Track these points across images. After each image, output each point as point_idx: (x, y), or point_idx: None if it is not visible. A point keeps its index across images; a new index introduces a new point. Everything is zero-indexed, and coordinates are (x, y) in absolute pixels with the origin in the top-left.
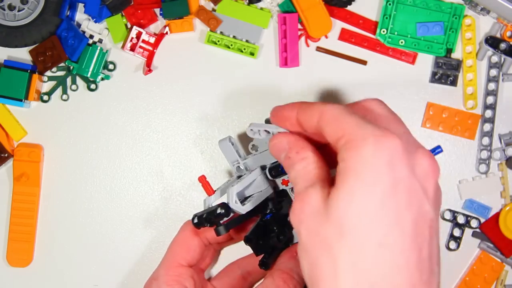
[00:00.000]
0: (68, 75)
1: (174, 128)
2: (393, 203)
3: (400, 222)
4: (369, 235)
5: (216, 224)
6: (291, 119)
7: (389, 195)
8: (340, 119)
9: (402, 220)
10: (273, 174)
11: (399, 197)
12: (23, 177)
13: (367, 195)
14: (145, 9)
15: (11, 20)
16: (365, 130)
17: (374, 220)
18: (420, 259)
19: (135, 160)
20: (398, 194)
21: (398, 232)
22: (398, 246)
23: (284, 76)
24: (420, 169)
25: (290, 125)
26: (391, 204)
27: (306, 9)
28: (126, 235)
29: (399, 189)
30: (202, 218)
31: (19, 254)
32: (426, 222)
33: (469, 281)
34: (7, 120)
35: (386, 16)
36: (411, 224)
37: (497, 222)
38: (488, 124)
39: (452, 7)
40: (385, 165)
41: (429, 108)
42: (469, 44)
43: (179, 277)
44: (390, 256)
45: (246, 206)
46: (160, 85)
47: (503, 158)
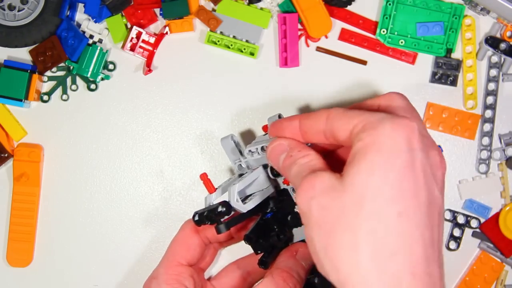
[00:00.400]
0: (68, 75)
1: (174, 128)
2: (412, 177)
3: (418, 197)
4: (390, 205)
5: (217, 222)
6: (290, 128)
7: (408, 170)
8: (349, 112)
9: (419, 196)
10: (275, 172)
11: (417, 174)
12: (23, 177)
13: (388, 166)
14: (145, 9)
15: (11, 20)
16: (379, 114)
17: (395, 190)
18: (432, 238)
19: (135, 160)
20: (416, 171)
21: (416, 206)
22: (416, 219)
23: (284, 76)
24: (432, 159)
25: (290, 134)
26: (410, 177)
27: (306, 9)
28: (126, 235)
29: (416, 167)
30: (203, 216)
31: (19, 254)
32: (436, 207)
33: (469, 281)
34: (7, 120)
35: (386, 16)
36: (426, 203)
37: (497, 222)
38: (488, 124)
39: (452, 7)
40: (404, 141)
41: (429, 108)
42: (469, 44)
43: (179, 276)
44: (409, 227)
45: (248, 205)
46: (160, 85)
47: (503, 158)
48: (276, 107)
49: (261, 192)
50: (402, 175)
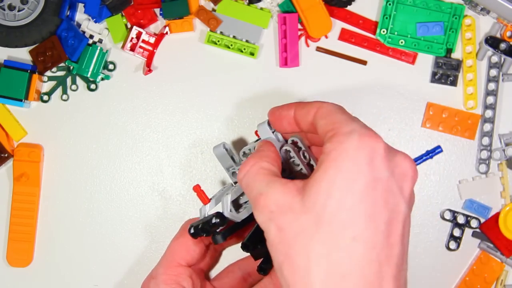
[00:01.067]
0: (68, 75)
1: (174, 128)
2: (371, 200)
3: (376, 219)
4: (345, 229)
5: (212, 233)
6: (288, 117)
7: (368, 192)
8: (333, 114)
9: (378, 218)
10: None
11: (377, 195)
12: (23, 177)
13: (347, 189)
14: (145, 9)
15: (11, 20)
16: (352, 126)
17: (351, 215)
18: (390, 256)
19: (135, 160)
20: (376, 192)
21: (372, 228)
22: (372, 241)
23: (284, 76)
24: (399, 169)
25: (287, 124)
26: (368, 200)
27: (306, 9)
28: (126, 235)
29: (377, 187)
30: (198, 229)
31: (19, 254)
32: (400, 221)
33: (469, 281)
34: (7, 120)
35: (386, 16)
36: (385, 222)
37: (497, 222)
38: (488, 124)
39: (452, 7)
40: (366, 162)
41: (429, 108)
42: (469, 44)
43: (178, 276)
44: (363, 250)
45: (241, 214)
46: (160, 85)
47: (503, 158)
48: None
49: None
50: (360, 199)
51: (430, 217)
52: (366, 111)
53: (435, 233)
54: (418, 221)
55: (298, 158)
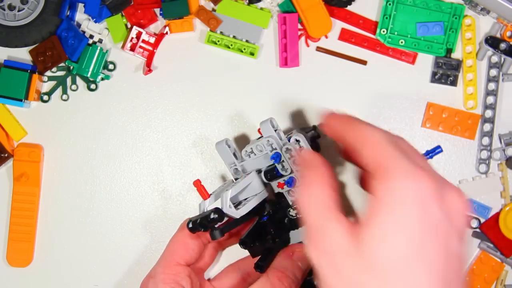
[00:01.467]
0: (68, 75)
1: (174, 128)
2: (427, 245)
3: (433, 264)
4: (402, 277)
5: (210, 228)
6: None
7: (423, 237)
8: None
9: (435, 263)
10: (269, 177)
11: (432, 239)
12: (23, 177)
13: (400, 236)
14: (145, 9)
15: (11, 20)
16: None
17: (407, 262)
18: None
19: (135, 160)
20: (432, 236)
21: (430, 275)
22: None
23: (284, 76)
24: (451, 207)
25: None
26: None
27: (306, 9)
28: (126, 235)
29: (432, 230)
30: (196, 224)
31: (19, 254)
32: (458, 261)
33: (469, 281)
34: (7, 120)
35: (386, 16)
36: (443, 266)
37: (497, 222)
38: (488, 124)
39: (452, 7)
40: (419, 204)
41: (429, 108)
42: (469, 44)
43: (176, 276)
44: None
45: (240, 211)
46: (160, 85)
47: (503, 158)
48: (276, 107)
49: (255, 197)
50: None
51: None
52: (366, 111)
53: None
54: None
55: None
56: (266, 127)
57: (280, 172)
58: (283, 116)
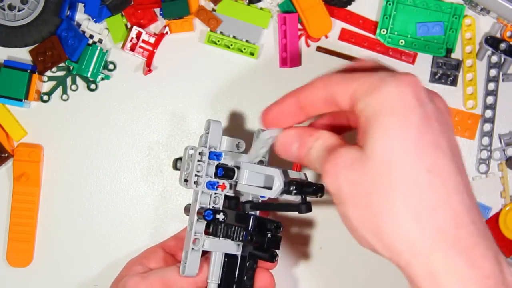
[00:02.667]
0: (68, 75)
1: (174, 128)
2: (430, 131)
3: (440, 148)
4: (417, 164)
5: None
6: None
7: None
8: (347, 77)
9: (441, 147)
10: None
11: (433, 125)
12: (23, 177)
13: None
14: (145, 9)
15: (11, 20)
16: (379, 74)
17: (417, 149)
18: (464, 184)
19: (135, 160)
20: (432, 123)
21: (441, 157)
22: (445, 170)
23: (284, 76)
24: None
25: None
26: (428, 132)
27: (306, 9)
28: (126, 235)
29: (431, 118)
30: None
31: (19, 254)
32: (457, 151)
33: None
34: (7, 120)
35: (386, 16)
36: (449, 151)
37: (497, 222)
38: (488, 124)
39: (452, 7)
40: (413, 97)
41: None
42: (469, 44)
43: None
44: (441, 180)
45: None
46: (160, 85)
47: (503, 158)
48: None
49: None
50: (421, 131)
51: None
52: None
53: None
54: None
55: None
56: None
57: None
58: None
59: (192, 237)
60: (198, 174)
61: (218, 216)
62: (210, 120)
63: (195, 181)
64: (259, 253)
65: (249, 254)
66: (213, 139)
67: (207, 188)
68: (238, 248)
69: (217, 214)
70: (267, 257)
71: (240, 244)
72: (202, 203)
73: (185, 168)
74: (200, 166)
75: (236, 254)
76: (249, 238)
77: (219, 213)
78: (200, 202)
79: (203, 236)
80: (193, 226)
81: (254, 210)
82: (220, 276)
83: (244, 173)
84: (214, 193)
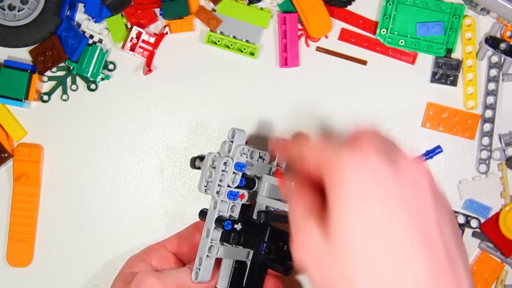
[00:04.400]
0: (68, 75)
1: (174, 128)
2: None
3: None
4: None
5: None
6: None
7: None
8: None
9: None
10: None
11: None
12: (23, 177)
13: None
14: (145, 9)
15: (11, 20)
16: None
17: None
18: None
19: (135, 160)
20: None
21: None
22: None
23: (284, 76)
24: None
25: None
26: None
27: (306, 9)
28: (126, 235)
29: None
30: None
31: (19, 254)
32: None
33: None
34: (7, 120)
35: (386, 16)
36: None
37: (497, 222)
38: (488, 124)
39: (452, 7)
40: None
41: (429, 108)
42: (469, 44)
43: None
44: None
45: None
46: (160, 85)
47: (503, 158)
48: (276, 107)
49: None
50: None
51: None
52: (366, 111)
53: None
54: None
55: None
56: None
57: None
58: (283, 116)
59: (208, 244)
60: (221, 184)
61: (236, 226)
62: (235, 129)
63: (217, 191)
64: (274, 264)
65: (262, 264)
66: (237, 149)
67: (228, 198)
68: (249, 255)
69: (235, 224)
70: (282, 270)
71: (251, 251)
72: (220, 211)
73: (207, 175)
74: (223, 176)
75: (245, 261)
76: (266, 250)
77: (237, 223)
78: (219, 210)
79: (218, 243)
80: (210, 233)
81: (272, 220)
82: (229, 282)
83: (265, 185)
84: (232, 202)
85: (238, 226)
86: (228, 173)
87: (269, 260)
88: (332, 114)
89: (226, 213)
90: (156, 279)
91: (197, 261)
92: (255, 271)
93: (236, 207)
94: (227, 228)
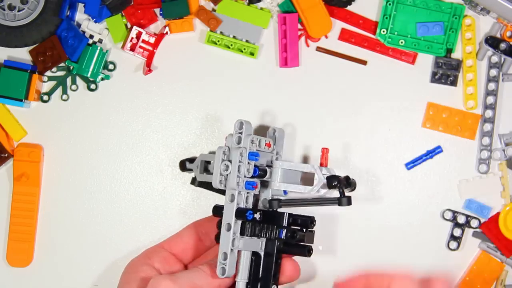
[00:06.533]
0: (68, 75)
1: (174, 128)
2: None
3: None
4: None
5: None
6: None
7: None
8: None
9: None
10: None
11: None
12: (23, 177)
13: None
14: (145, 9)
15: (11, 20)
16: None
17: None
18: None
19: (135, 160)
20: None
21: None
22: None
23: (284, 76)
24: None
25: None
26: None
27: (306, 9)
28: (126, 235)
29: None
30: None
31: (19, 254)
32: None
33: (469, 281)
34: (7, 120)
35: (386, 16)
36: None
37: (497, 222)
38: (488, 124)
39: (452, 7)
40: None
41: (429, 108)
42: (469, 44)
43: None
44: None
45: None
46: (160, 85)
47: (503, 158)
48: (276, 107)
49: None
50: None
51: (430, 217)
52: (366, 111)
53: (435, 233)
54: (418, 221)
55: None
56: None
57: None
58: (283, 116)
59: (231, 237)
60: (239, 175)
61: (255, 215)
62: (241, 120)
63: (237, 182)
64: (292, 249)
65: (277, 251)
66: (247, 139)
67: (245, 188)
68: (262, 245)
69: (255, 213)
70: (305, 252)
71: (263, 241)
72: (238, 203)
73: (222, 169)
74: (239, 167)
75: (259, 252)
76: (289, 234)
77: (256, 213)
78: (237, 202)
79: (238, 236)
80: (231, 226)
81: (286, 207)
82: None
83: (277, 172)
84: (247, 192)
85: (257, 215)
86: (243, 163)
87: (287, 246)
88: (332, 114)
89: (242, 205)
90: (171, 282)
91: (221, 256)
92: (272, 259)
93: (250, 198)
94: (249, 218)
